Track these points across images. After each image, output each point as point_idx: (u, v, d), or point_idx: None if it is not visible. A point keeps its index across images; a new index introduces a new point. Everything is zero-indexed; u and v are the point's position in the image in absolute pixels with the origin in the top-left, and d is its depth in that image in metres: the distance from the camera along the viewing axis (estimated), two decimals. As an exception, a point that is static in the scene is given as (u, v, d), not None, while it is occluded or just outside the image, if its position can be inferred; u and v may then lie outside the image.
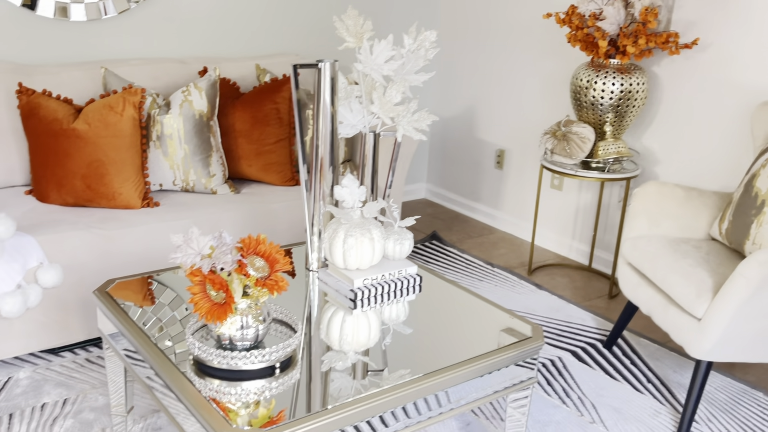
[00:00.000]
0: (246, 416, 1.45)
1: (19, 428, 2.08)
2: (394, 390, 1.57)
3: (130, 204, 2.57)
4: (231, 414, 1.46)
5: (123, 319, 1.81)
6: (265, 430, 1.40)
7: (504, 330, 1.86)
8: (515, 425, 1.91)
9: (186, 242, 1.60)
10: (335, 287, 2.04)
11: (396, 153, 2.19)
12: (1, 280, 2.22)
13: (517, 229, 3.95)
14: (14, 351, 2.35)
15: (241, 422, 1.43)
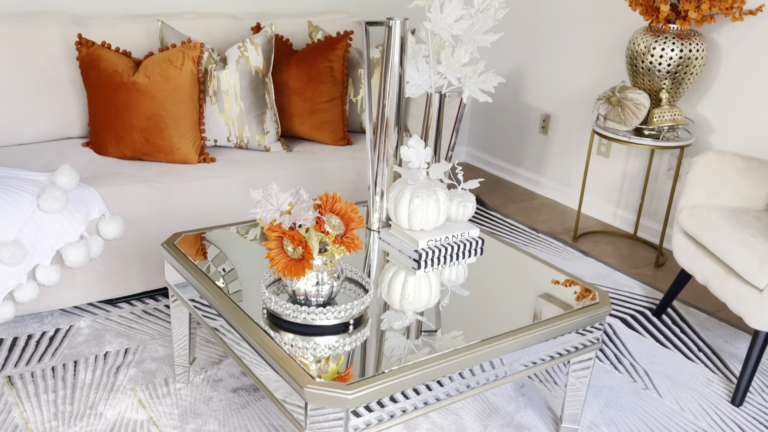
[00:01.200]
0: (325, 371, 1.47)
1: (84, 375, 2.13)
2: (466, 351, 1.58)
3: (187, 159, 2.59)
4: (310, 368, 1.48)
5: (194, 272, 1.83)
6: (344, 384, 1.42)
7: (569, 295, 1.86)
8: (575, 389, 1.92)
9: (266, 198, 1.61)
10: (398, 247, 2.05)
11: (461, 114, 2.18)
12: (65, 230, 2.25)
13: (561, 196, 3.93)
14: (75, 300, 2.39)
15: (322, 377, 1.45)
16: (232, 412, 2.03)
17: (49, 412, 1.97)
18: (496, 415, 2.09)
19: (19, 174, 2.29)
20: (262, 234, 2.08)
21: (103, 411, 1.98)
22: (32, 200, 2.20)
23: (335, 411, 1.42)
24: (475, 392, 1.63)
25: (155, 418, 1.97)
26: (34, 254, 2.22)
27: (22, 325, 2.36)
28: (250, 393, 2.11)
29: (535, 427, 2.05)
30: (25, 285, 2.23)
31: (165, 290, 2.65)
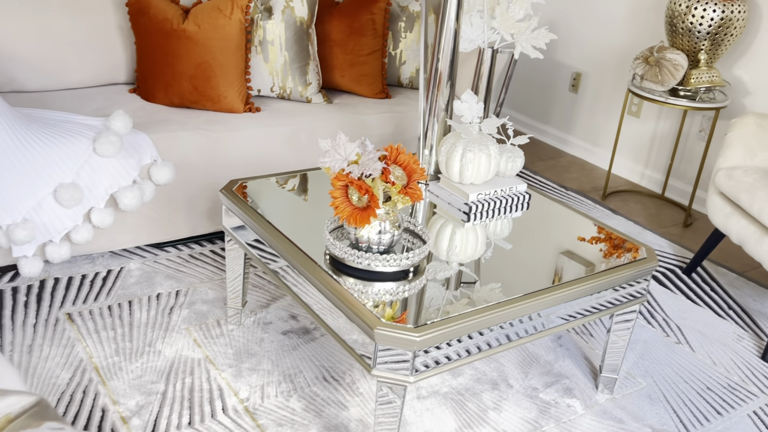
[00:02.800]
0: (387, 315, 1.54)
1: (140, 315, 2.22)
2: (521, 301, 1.65)
3: (233, 108, 2.62)
4: (377, 311, 1.55)
5: (255, 217, 1.89)
6: (412, 327, 1.49)
7: (615, 250, 1.92)
8: (617, 341, 2.00)
9: (334, 148, 1.66)
10: (447, 200, 2.10)
11: (511, 71, 2.20)
12: (119, 174, 2.31)
13: (589, 154, 3.96)
14: (126, 243, 2.46)
15: (388, 320, 1.52)
16: (284, 353, 2.11)
17: (110, 348, 2.05)
18: (536, 363, 2.18)
19: (74, 118, 2.34)
20: (313, 183, 2.13)
21: (161, 349, 2.07)
22: (88, 144, 2.25)
23: (401, 352, 1.50)
24: (534, 338, 1.70)
25: (211, 356, 2.06)
26: (89, 197, 2.28)
27: (75, 266, 2.43)
28: (300, 336, 2.19)
29: (574, 375, 2.14)
30: (81, 227, 2.30)
31: (210, 236, 2.72)
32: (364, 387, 2.01)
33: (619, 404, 2.04)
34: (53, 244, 2.27)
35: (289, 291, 1.80)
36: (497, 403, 2.00)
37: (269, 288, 2.42)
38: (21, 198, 2.17)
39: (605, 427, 1.94)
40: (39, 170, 2.18)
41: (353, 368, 2.08)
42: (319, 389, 1.98)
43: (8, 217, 2.17)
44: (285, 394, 1.95)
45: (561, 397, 2.04)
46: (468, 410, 1.96)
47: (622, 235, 2.01)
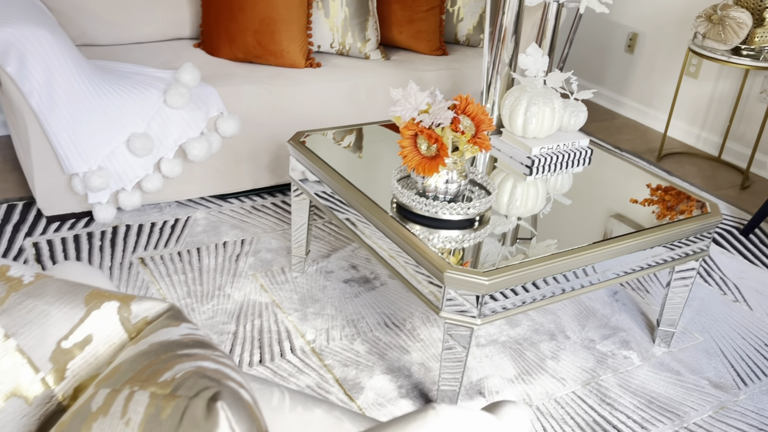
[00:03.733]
0: (457, 260, 1.59)
1: (208, 261, 2.31)
2: (589, 249, 1.68)
3: (295, 63, 2.67)
4: (446, 256, 1.60)
5: (323, 167, 1.95)
6: (480, 271, 1.54)
7: (679, 204, 1.93)
8: (676, 297, 2.02)
9: (404, 97, 1.70)
10: (509, 153, 2.13)
11: (576, 26, 2.20)
12: (187, 126, 2.39)
13: (642, 116, 3.92)
14: (191, 194, 2.55)
15: (455, 265, 1.57)
16: (346, 300, 2.18)
17: (183, 290, 2.15)
18: (593, 317, 2.21)
19: (145, 71, 2.41)
20: (376, 136, 2.18)
21: (230, 292, 2.16)
22: (159, 96, 2.33)
23: (469, 296, 1.55)
24: (599, 287, 1.74)
25: (277, 301, 2.14)
26: (159, 147, 2.37)
27: (144, 214, 2.53)
28: (360, 285, 2.26)
29: (631, 329, 2.17)
30: (151, 176, 2.39)
31: (271, 189, 2.79)
32: (424, 333, 2.07)
33: (675, 357, 2.07)
34: (125, 191, 2.37)
35: (356, 238, 1.86)
36: (555, 352, 2.04)
37: (329, 239, 2.49)
38: (97, 146, 2.26)
39: (662, 378, 1.98)
40: (113, 120, 2.27)
41: (413, 316, 2.14)
42: (381, 334, 2.05)
43: (85, 164, 2.26)
44: (349, 337, 2.03)
45: (618, 348, 2.08)
46: (526, 358, 2.01)
47: (685, 190, 2.02)
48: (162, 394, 0.57)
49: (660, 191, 2.01)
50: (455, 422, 0.50)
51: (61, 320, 0.70)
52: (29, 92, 2.14)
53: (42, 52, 2.12)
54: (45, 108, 2.17)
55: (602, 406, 1.86)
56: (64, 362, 0.69)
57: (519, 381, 1.92)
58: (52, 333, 0.69)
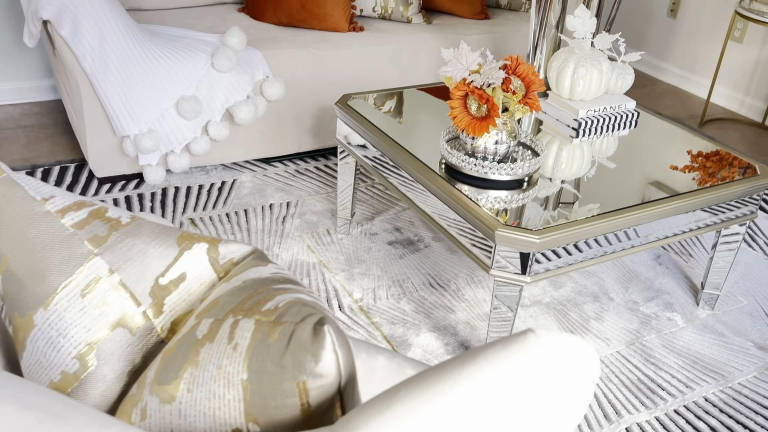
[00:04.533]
0: (506, 219, 1.62)
1: (256, 222, 2.36)
2: (640, 209, 1.69)
3: (338, 27, 2.68)
4: (497, 215, 1.62)
5: (370, 129, 1.97)
6: (531, 229, 1.56)
7: (726, 167, 1.93)
8: (720, 261, 2.02)
9: (456, 57, 1.71)
10: (555, 116, 2.13)
11: (624, -14, 2.18)
12: (234, 89, 2.42)
13: (685, 82, 3.87)
14: (237, 157, 2.60)
15: (507, 222, 1.59)
16: (391, 261, 2.22)
17: (232, 250, 2.20)
18: (636, 279, 2.23)
19: (192, 34, 2.45)
20: (420, 99, 2.19)
21: (278, 252, 2.21)
22: (207, 59, 2.37)
23: (518, 254, 1.57)
24: (647, 247, 1.75)
25: (324, 261, 2.19)
26: (207, 110, 2.41)
27: (192, 177, 2.59)
28: (405, 246, 2.30)
29: (674, 292, 2.18)
30: (199, 138, 2.43)
31: (313, 153, 2.83)
32: (469, 294, 2.10)
33: (720, 320, 2.08)
34: (174, 154, 2.42)
35: (404, 198, 1.89)
36: (599, 313, 2.07)
37: (372, 202, 2.53)
38: (147, 109, 2.31)
39: (706, 339, 1.99)
40: (163, 83, 2.31)
41: (458, 277, 2.18)
42: (427, 294, 2.09)
43: (136, 126, 2.32)
44: (395, 297, 2.07)
45: (662, 310, 2.10)
46: (570, 319, 2.03)
47: (734, 152, 2.01)
48: (267, 321, 0.61)
49: (706, 155, 2.00)
50: (556, 346, 0.53)
51: (157, 259, 0.74)
52: (82, 55, 2.19)
53: (95, 16, 2.16)
54: (97, 71, 2.22)
55: (647, 366, 1.88)
56: (161, 297, 0.74)
57: (563, 340, 1.95)
58: (150, 270, 0.73)
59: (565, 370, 0.52)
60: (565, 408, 0.53)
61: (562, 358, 0.52)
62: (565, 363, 0.52)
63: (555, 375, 0.51)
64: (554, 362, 0.51)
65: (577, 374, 0.52)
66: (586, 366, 0.53)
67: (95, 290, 0.69)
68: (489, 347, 0.53)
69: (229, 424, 0.59)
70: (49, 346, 0.67)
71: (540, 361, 0.51)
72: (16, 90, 3.01)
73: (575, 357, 0.53)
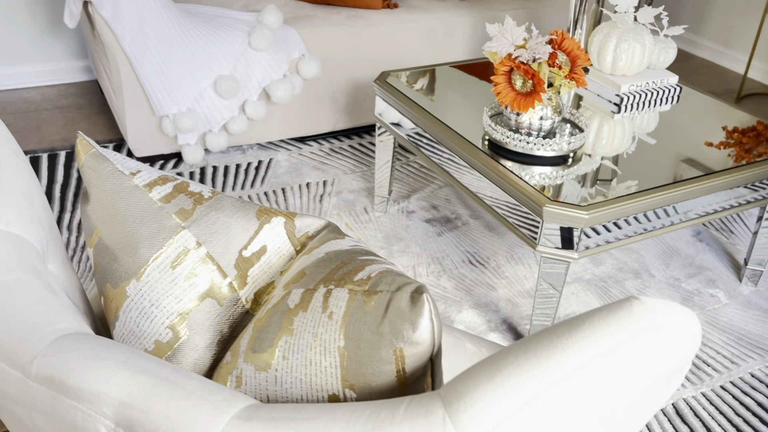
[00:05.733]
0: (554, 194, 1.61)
1: (294, 201, 2.37)
2: (689, 184, 1.68)
3: (372, 4, 2.67)
4: (544, 191, 1.62)
5: (411, 106, 1.97)
6: (579, 205, 1.55)
7: (760, 142, 1.90)
8: (766, 236, 2.00)
9: (501, 32, 1.70)
10: (596, 91, 2.11)
11: (667, -42, 2.14)
12: (270, 68, 2.43)
13: (719, 56, 3.81)
14: (273, 136, 2.61)
15: (555, 198, 1.59)
16: (429, 238, 2.23)
17: (272, 228, 2.22)
18: (677, 256, 2.21)
19: (229, 13, 2.45)
20: (457, 75, 2.18)
21: (317, 230, 2.23)
22: (243, 38, 2.37)
23: (563, 228, 1.57)
24: (690, 224, 1.74)
25: (363, 239, 2.20)
26: (244, 89, 2.42)
27: (229, 156, 2.60)
28: (442, 224, 2.30)
29: (716, 268, 2.17)
30: (237, 117, 2.45)
31: (347, 131, 2.83)
32: (509, 271, 2.11)
33: (764, 296, 2.06)
34: (212, 133, 2.44)
35: (445, 174, 1.89)
36: (640, 290, 2.06)
37: (408, 180, 2.53)
38: (185, 88, 2.32)
39: (751, 316, 1.98)
40: (201, 62, 2.32)
41: (497, 254, 2.18)
42: (467, 271, 2.09)
43: (175, 106, 2.33)
44: (435, 274, 2.07)
45: (704, 287, 2.08)
46: (612, 295, 2.03)
47: (779, 127, 1.98)
48: (361, 290, 0.62)
49: (747, 130, 1.97)
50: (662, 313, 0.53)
51: (239, 232, 0.76)
52: (122, 35, 2.20)
53: (134, -4, 2.17)
54: (137, 51, 2.23)
55: (691, 342, 1.88)
56: (245, 269, 0.75)
57: (606, 317, 1.95)
58: (234, 242, 0.75)
59: (671, 337, 0.52)
60: (670, 374, 0.53)
61: (669, 325, 0.52)
62: (672, 330, 0.52)
63: (662, 341, 0.52)
64: (661, 329, 0.52)
65: (681, 341, 0.53)
66: (690, 333, 0.54)
67: (185, 262, 0.71)
68: (592, 315, 0.53)
69: (325, 390, 0.60)
70: (142, 316, 0.68)
71: (648, 328, 0.51)
72: (52, 71, 3.04)
73: (680, 324, 0.53)
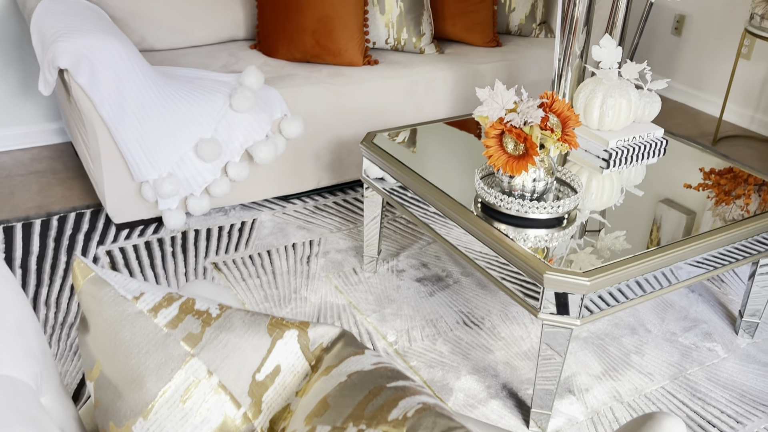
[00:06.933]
0: (554, 260, 1.58)
1: (280, 264, 2.31)
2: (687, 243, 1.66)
3: (353, 61, 2.66)
4: (544, 257, 1.58)
5: (400, 168, 1.94)
6: (581, 271, 1.52)
7: (753, 194, 1.90)
8: (761, 287, 1.99)
9: (491, 96, 1.68)
10: (584, 146, 2.10)
11: (646, 14, 2.16)
12: (253, 129, 2.38)
13: (692, 99, 3.86)
14: (256, 196, 2.55)
15: (554, 266, 1.55)
16: (421, 299, 2.18)
17: (260, 294, 2.16)
18: (671, 309, 2.19)
19: (209, 75, 2.41)
20: (444, 132, 2.16)
21: (306, 295, 2.16)
22: (225, 100, 2.33)
23: (567, 296, 1.53)
24: (688, 283, 1.72)
25: (354, 302, 2.14)
26: (226, 151, 2.37)
27: (211, 219, 2.54)
28: (434, 283, 2.25)
29: (711, 320, 2.14)
30: (219, 180, 2.39)
31: (331, 188, 2.79)
32: (504, 331, 2.06)
33: (761, 348, 2.04)
34: (194, 197, 2.38)
35: (438, 237, 1.85)
36: (638, 347, 2.03)
37: (396, 237, 2.49)
38: (166, 153, 2.27)
39: (751, 370, 1.95)
40: (181, 126, 2.27)
41: (491, 313, 2.13)
42: (462, 333, 2.04)
43: (155, 171, 2.27)
44: (430, 337, 2.02)
45: (701, 341, 2.06)
46: (610, 354, 1.99)
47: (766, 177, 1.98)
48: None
49: (740, 179, 1.97)
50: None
51: (252, 353, 0.70)
52: (100, 102, 2.15)
53: (112, 62, 2.12)
54: (115, 117, 2.18)
55: (694, 401, 1.84)
56: (259, 395, 0.69)
57: (606, 377, 1.91)
58: (246, 366, 0.69)
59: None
60: None
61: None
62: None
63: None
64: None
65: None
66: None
67: (195, 394, 0.65)
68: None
69: None
70: (152, 460, 0.62)
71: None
72: (25, 134, 2.96)
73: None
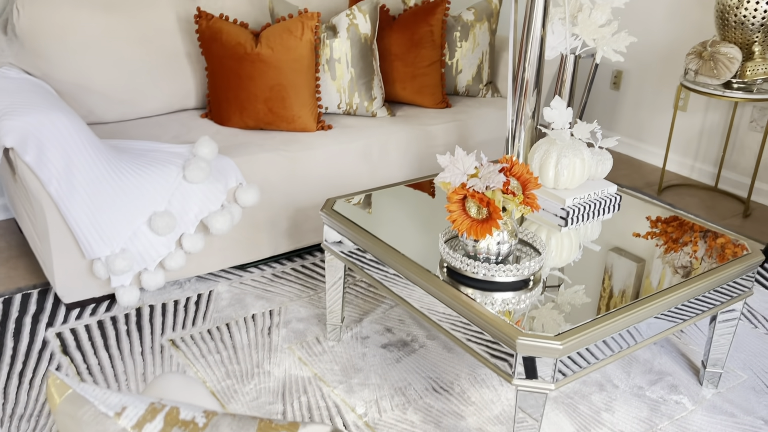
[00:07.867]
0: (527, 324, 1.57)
1: (240, 337, 2.24)
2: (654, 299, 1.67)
3: (306, 127, 2.66)
4: (516, 322, 1.57)
5: (361, 234, 1.92)
6: (553, 335, 1.52)
7: (712, 246, 1.95)
8: (721, 338, 2.02)
9: (452, 162, 1.69)
10: (542, 205, 2.13)
11: (593, 75, 2.24)
12: (208, 200, 2.34)
13: (634, 150, 3.99)
14: (212, 267, 2.49)
15: (527, 330, 1.55)
16: (388, 366, 2.14)
17: (221, 371, 2.08)
18: (636, 362, 2.20)
19: (160, 147, 2.37)
20: (404, 196, 2.16)
21: (269, 369, 2.10)
22: (178, 171, 2.29)
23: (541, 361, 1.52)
24: (660, 336, 1.73)
25: (320, 374, 2.09)
26: (181, 224, 2.31)
27: (166, 293, 2.46)
28: (400, 348, 2.22)
29: (675, 372, 2.16)
30: (174, 253, 2.33)
31: (290, 254, 2.75)
32: (475, 396, 2.03)
33: (726, 398, 2.06)
34: (148, 272, 2.30)
35: (404, 303, 1.83)
36: (607, 404, 2.02)
37: (358, 302, 2.45)
38: (118, 228, 2.20)
39: (719, 421, 1.97)
40: (134, 200, 2.21)
41: (460, 377, 2.10)
42: (432, 400, 2.01)
43: (107, 248, 2.20)
44: (400, 407, 1.97)
45: (668, 394, 2.07)
46: (581, 413, 1.98)
47: (721, 230, 2.04)
48: None
49: (696, 233, 2.02)
50: None
51: (242, 463, 0.66)
52: (48, 180, 2.08)
53: (60, 138, 2.07)
54: (64, 194, 2.11)
55: (667, 457, 1.84)
56: None
57: (579, 438, 1.89)
58: (238, 479, 0.65)
59: None
60: None
61: None
62: None
63: None
64: None
65: None
66: None
67: None
68: None
69: None
70: None
71: None
72: (-35, 212, 2.84)
73: None
